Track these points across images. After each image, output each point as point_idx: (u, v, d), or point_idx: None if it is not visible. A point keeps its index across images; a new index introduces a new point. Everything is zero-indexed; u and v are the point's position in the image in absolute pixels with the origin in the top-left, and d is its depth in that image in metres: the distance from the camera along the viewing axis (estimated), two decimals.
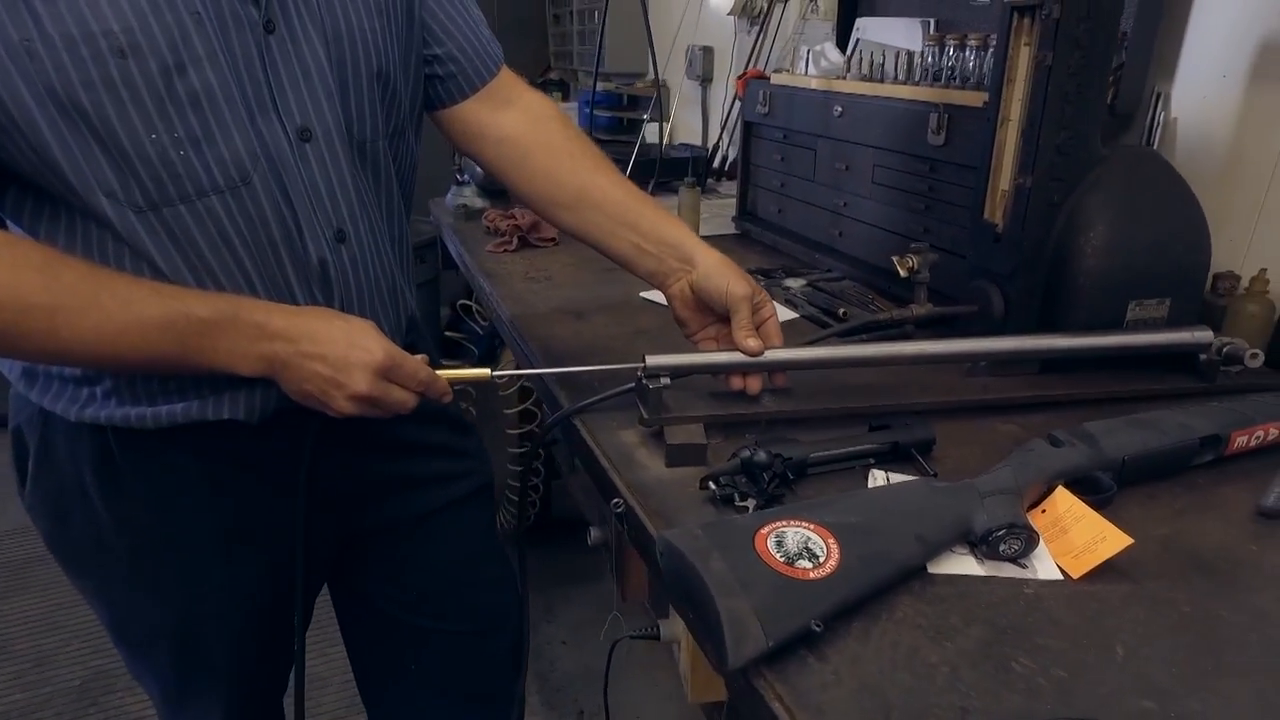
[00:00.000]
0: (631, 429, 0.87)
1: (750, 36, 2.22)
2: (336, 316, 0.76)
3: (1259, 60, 1.08)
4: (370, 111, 0.84)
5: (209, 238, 0.75)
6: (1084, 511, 0.68)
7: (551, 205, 0.98)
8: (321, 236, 0.80)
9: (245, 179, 0.75)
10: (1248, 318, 1.06)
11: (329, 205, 0.81)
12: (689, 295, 0.92)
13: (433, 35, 0.91)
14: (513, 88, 1.00)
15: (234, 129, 0.73)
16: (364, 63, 0.81)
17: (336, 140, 0.80)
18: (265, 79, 0.74)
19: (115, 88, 0.67)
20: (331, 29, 0.78)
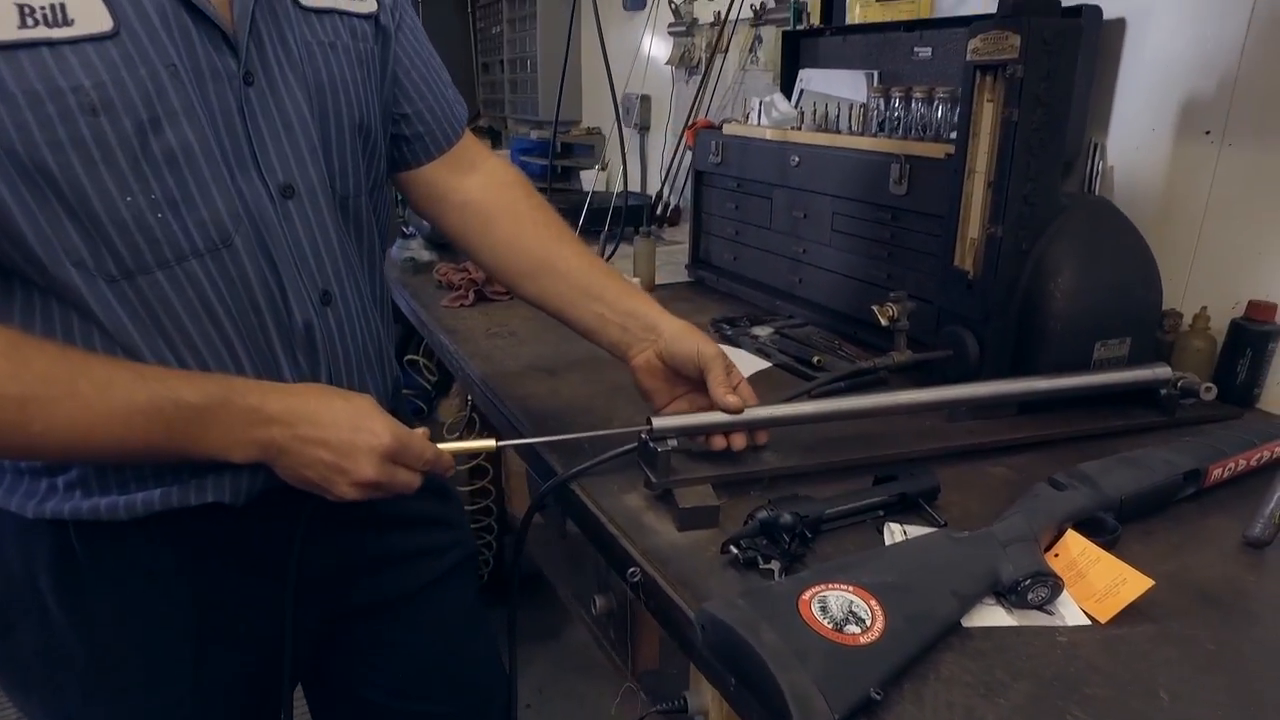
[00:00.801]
0: (635, 492, 0.86)
1: (689, 86, 2.28)
2: (336, 395, 0.72)
3: (1182, 116, 1.16)
4: (353, 166, 0.81)
5: (189, 305, 0.70)
6: (1099, 554, 0.70)
7: (514, 273, 0.95)
8: (307, 299, 0.76)
9: (226, 240, 0.71)
10: (1194, 352, 1.12)
11: (313, 265, 0.77)
12: (656, 364, 0.89)
13: (403, 93, 0.89)
14: (476, 152, 0.98)
15: (214, 188, 0.69)
16: (346, 115, 0.78)
17: (320, 196, 0.77)
18: (245, 134, 0.71)
19: (86, 147, 0.62)
20: (313, 80, 0.75)
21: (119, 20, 0.62)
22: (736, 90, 2.08)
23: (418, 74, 0.89)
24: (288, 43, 0.73)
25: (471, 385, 1.26)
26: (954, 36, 1.37)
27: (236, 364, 0.74)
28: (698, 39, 2.20)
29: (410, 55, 0.88)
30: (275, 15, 0.72)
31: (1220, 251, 1.14)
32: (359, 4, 0.80)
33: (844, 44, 1.60)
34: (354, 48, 0.79)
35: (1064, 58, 0.93)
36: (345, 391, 0.74)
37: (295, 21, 0.74)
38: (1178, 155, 1.17)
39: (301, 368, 0.78)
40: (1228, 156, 1.12)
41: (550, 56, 2.87)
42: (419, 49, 0.90)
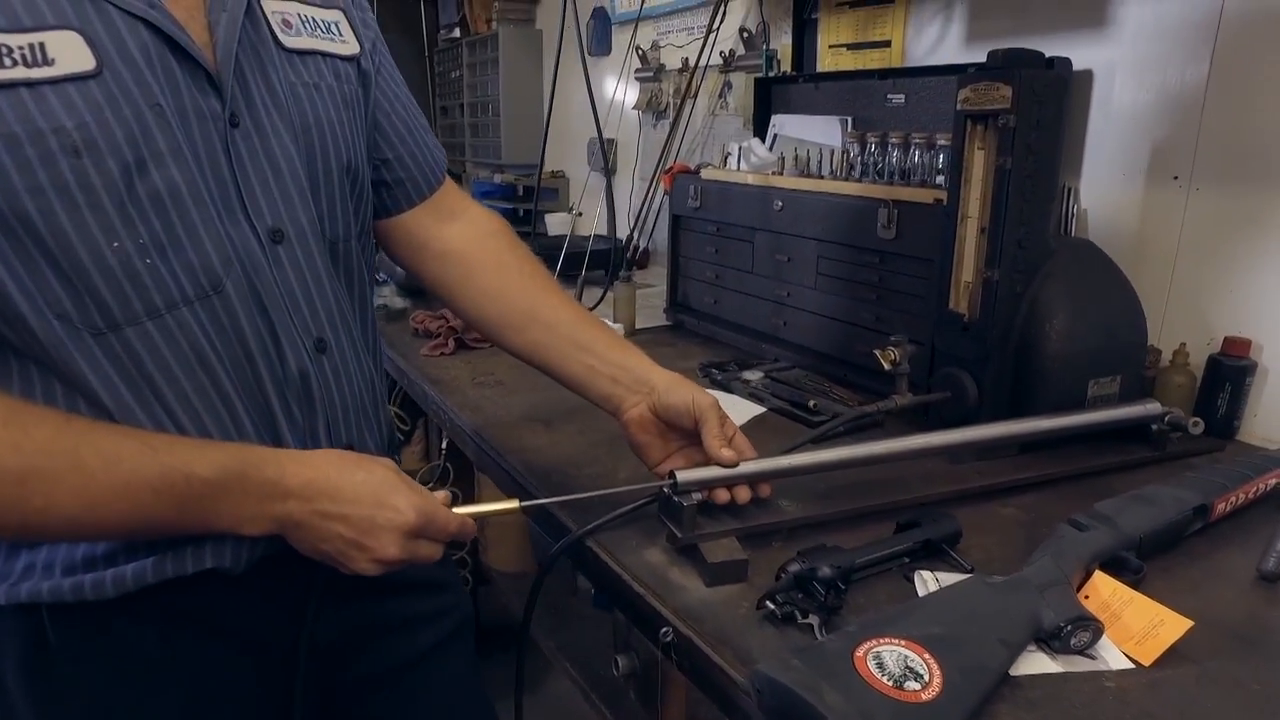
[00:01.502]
0: (654, 547, 0.84)
1: (656, 130, 2.30)
2: (357, 466, 0.69)
3: (1151, 162, 1.22)
4: (342, 209, 0.78)
5: (181, 356, 0.66)
6: (1131, 595, 0.70)
7: (499, 325, 0.92)
8: (301, 346, 0.73)
9: (217, 286, 0.67)
10: (1175, 388, 1.16)
11: (306, 312, 0.74)
12: (649, 418, 0.86)
13: (383, 137, 0.87)
14: (457, 199, 0.96)
15: (203, 231, 0.66)
16: (334, 157, 0.76)
17: (311, 240, 0.74)
18: (232, 177, 0.68)
19: (69, 191, 0.59)
20: (299, 121, 0.73)
21: (101, 60, 0.60)
22: (706, 134, 2.12)
23: (398, 118, 0.87)
24: (272, 84, 0.71)
25: (463, 437, 1.23)
26: (927, 85, 1.42)
27: (234, 418, 0.70)
28: (665, 84, 2.23)
29: (390, 99, 0.87)
30: (259, 56, 0.70)
31: (1193, 290, 1.19)
32: (341, 46, 0.79)
33: (816, 90, 1.64)
34: (338, 89, 0.77)
35: (1052, 108, 0.97)
36: (365, 460, 0.70)
37: (279, 63, 0.72)
38: (1148, 199, 1.22)
39: (298, 420, 0.74)
40: (1196, 200, 1.17)
41: (513, 100, 2.88)
42: (398, 93, 0.88)
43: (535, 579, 0.88)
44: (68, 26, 0.59)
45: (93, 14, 0.60)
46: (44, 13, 0.58)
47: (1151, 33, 1.19)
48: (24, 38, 0.57)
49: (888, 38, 1.54)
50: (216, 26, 0.66)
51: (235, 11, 0.67)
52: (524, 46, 2.91)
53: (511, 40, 2.88)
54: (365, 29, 0.82)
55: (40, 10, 0.58)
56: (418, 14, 3.56)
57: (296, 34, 0.73)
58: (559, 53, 2.03)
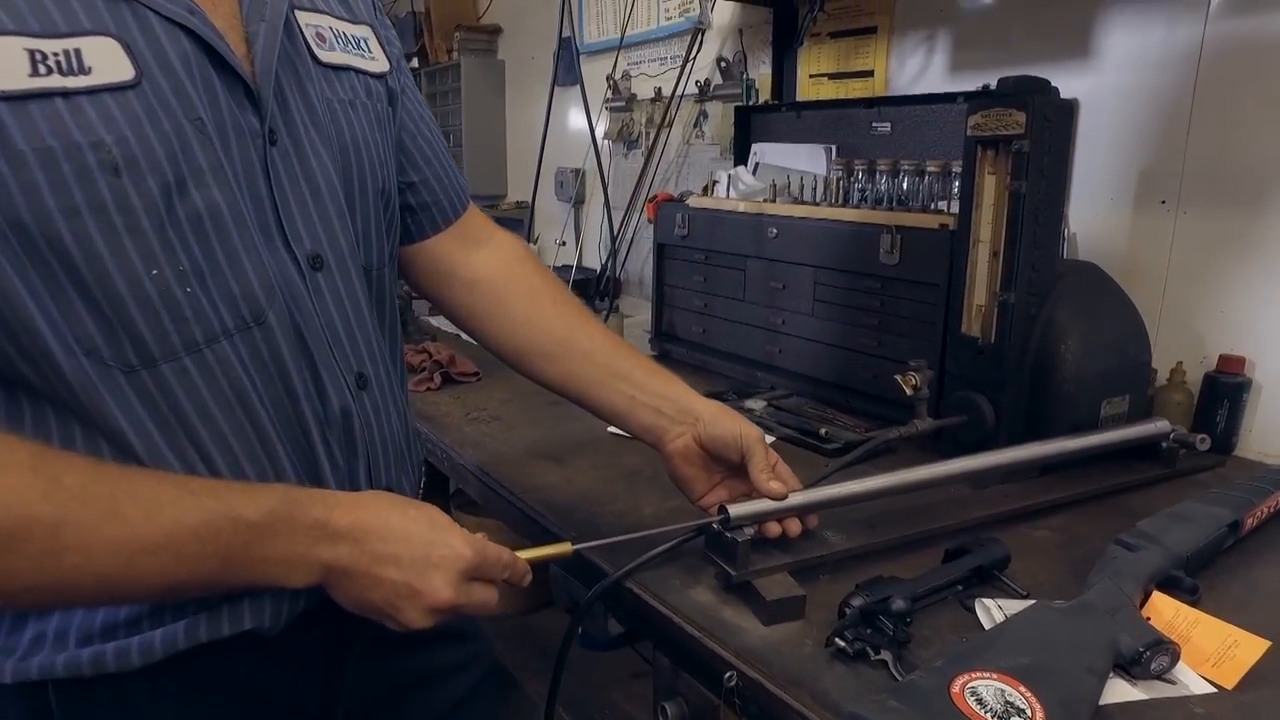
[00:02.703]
0: (700, 586, 0.80)
1: (627, 160, 2.30)
2: (408, 504, 0.64)
3: (1139, 187, 1.25)
4: (377, 234, 0.74)
5: (220, 395, 0.61)
6: (1196, 615, 0.70)
7: (532, 355, 0.88)
8: (343, 382, 0.69)
9: (259, 317, 0.63)
10: (1174, 405, 1.19)
11: (347, 345, 0.69)
12: (695, 450, 0.83)
13: (409, 160, 0.83)
14: (484, 225, 0.93)
15: (244, 257, 0.61)
16: (370, 179, 0.72)
17: (350, 268, 0.70)
18: (270, 198, 0.64)
19: (106, 212, 0.54)
20: (337, 140, 0.69)
21: (140, 69, 0.55)
22: (681, 164, 2.12)
23: (423, 140, 0.84)
24: (310, 100, 0.67)
25: (465, 476, 1.18)
26: (913, 113, 1.44)
27: (273, 461, 0.65)
28: (636, 114, 2.23)
29: (415, 120, 0.83)
30: (296, 71, 0.66)
31: (1184, 310, 1.22)
32: (371, 63, 0.75)
33: (798, 119, 1.66)
34: (371, 107, 0.74)
35: (1061, 133, 0.99)
36: (413, 500, 0.66)
37: (316, 78, 0.68)
38: (1137, 223, 1.26)
39: (339, 462, 0.69)
40: (1184, 223, 1.21)
41: (475, 131, 2.85)
42: (422, 114, 0.85)
43: (569, 627, 0.84)
44: (104, 33, 0.54)
45: (130, 20, 0.55)
46: (79, 17, 0.53)
47: (1135, 63, 1.24)
48: (59, 44, 0.52)
49: (870, 68, 1.57)
50: (255, 39, 0.62)
51: (275, 22, 0.63)
52: (486, 77, 2.89)
53: (473, 70, 2.86)
54: (390, 46, 0.78)
55: (75, 14, 0.53)
56: None
57: (330, 49, 0.69)
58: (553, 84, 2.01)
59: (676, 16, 2.03)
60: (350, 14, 0.74)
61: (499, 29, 2.96)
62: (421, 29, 3.20)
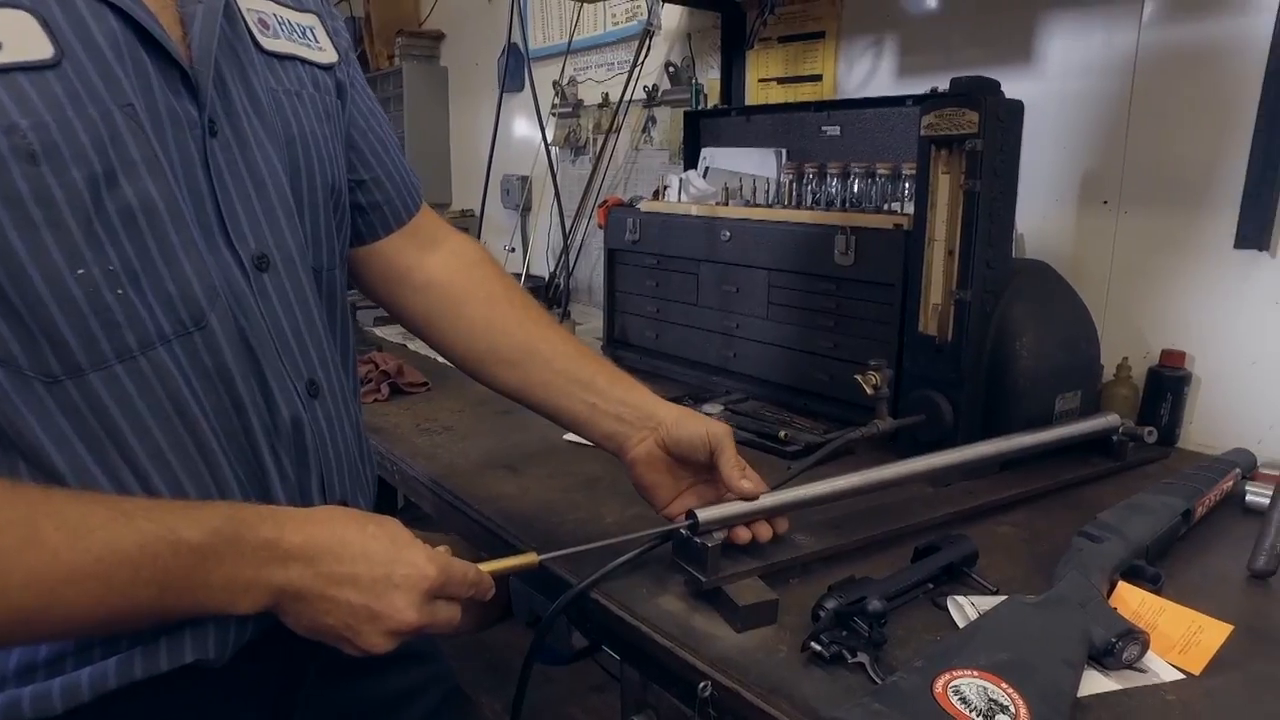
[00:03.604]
0: (669, 594, 0.78)
1: (574, 166, 2.28)
2: (367, 519, 0.60)
3: (1082, 188, 1.29)
4: (326, 233, 0.71)
5: (155, 405, 0.57)
6: (1161, 603, 0.71)
7: (490, 361, 0.85)
8: (293, 390, 0.65)
9: (200, 321, 0.58)
10: (1121, 399, 1.22)
11: (296, 350, 0.65)
12: (658, 455, 0.81)
13: (360, 156, 0.79)
14: (438, 227, 0.89)
15: (183, 256, 0.57)
16: (319, 175, 0.68)
17: (299, 268, 0.66)
18: (210, 193, 0.59)
19: (22, 205, 0.49)
20: (283, 133, 0.65)
21: (61, 47, 0.51)
22: (629, 169, 2.10)
23: (374, 136, 0.80)
24: (253, 89, 0.63)
25: (418, 489, 1.14)
26: (863, 116, 1.45)
27: (217, 477, 0.60)
28: (584, 120, 2.21)
29: (365, 115, 0.80)
30: (237, 57, 0.62)
31: (1128, 307, 1.25)
32: (318, 53, 0.71)
33: (748, 123, 1.66)
34: (319, 100, 0.70)
35: (1013, 132, 1.00)
36: (371, 515, 0.62)
37: (259, 66, 0.64)
38: (1081, 223, 1.29)
39: (290, 475, 0.65)
40: (1125, 223, 1.25)
41: (418, 138, 2.79)
42: (372, 108, 0.81)
43: (532, 643, 0.80)
44: (15, 5, 0.49)
45: None
46: None
47: (1076, 68, 1.27)
48: None
49: (819, 72, 1.58)
50: (191, 20, 0.58)
51: (213, 3, 0.59)
52: (429, 83, 2.84)
53: (415, 77, 2.80)
54: (338, 37, 0.74)
55: None
56: None
57: (275, 36, 0.65)
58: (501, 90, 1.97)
59: (624, 21, 2.02)
60: (296, 1, 0.70)
61: (442, 34, 2.92)
62: (362, 34, 3.13)
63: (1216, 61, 1.14)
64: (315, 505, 0.65)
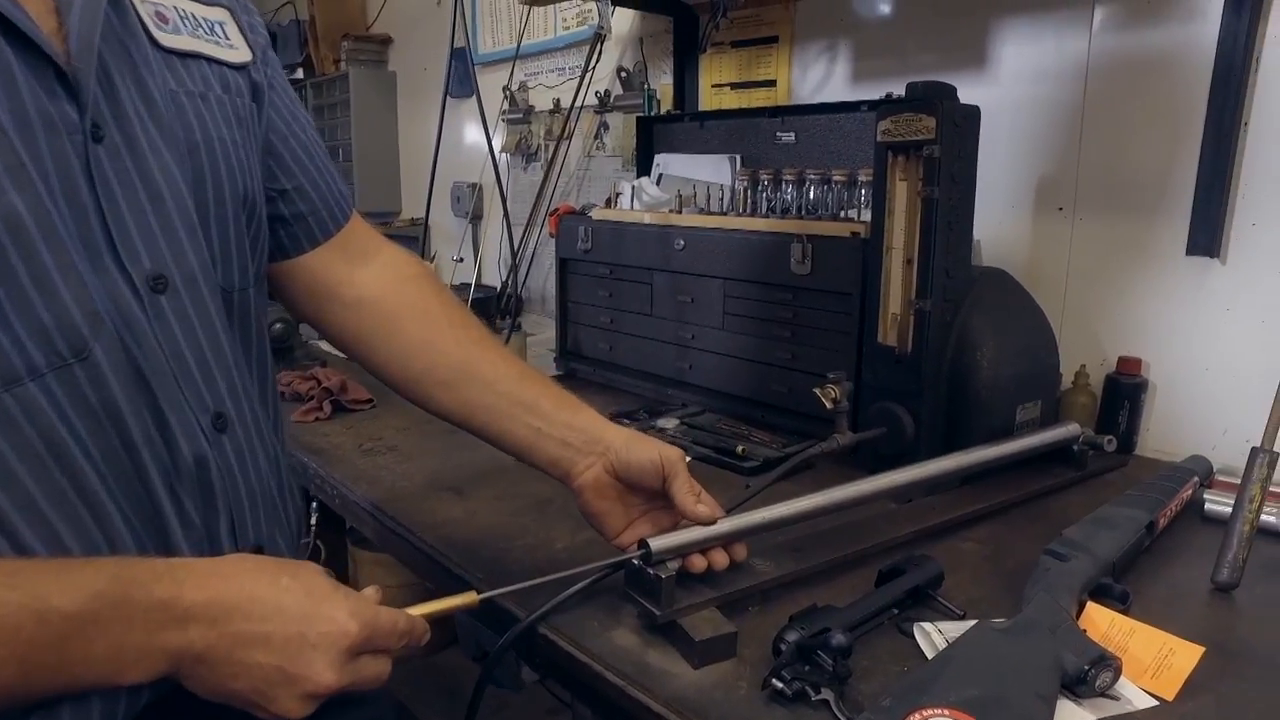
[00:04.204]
0: (622, 628, 0.73)
1: (526, 173, 2.22)
2: (279, 570, 0.54)
3: (1037, 194, 1.28)
4: (239, 249, 0.65)
5: (24, 448, 0.50)
6: (1130, 624, 0.68)
7: (427, 383, 0.79)
8: (196, 424, 0.59)
9: (80, 352, 0.52)
10: (1080, 408, 1.20)
11: (201, 380, 0.59)
12: (606, 481, 0.76)
13: (280, 163, 0.73)
14: (370, 238, 0.83)
15: (58, 278, 0.51)
16: (228, 185, 0.62)
17: (203, 289, 0.60)
18: (96, 207, 0.53)
19: None
20: (185, 139, 0.59)
21: None
22: (582, 176, 2.06)
23: (297, 142, 0.74)
24: (148, 90, 0.57)
25: (359, 514, 1.07)
26: (817, 122, 1.43)
27: (105, 526, 0.54)
28: (535, 126, 2.16)
29: (286, 119, 0.74)
30: (128, 54, 0.56)
31: (1084, 314, 1.25)
32: (229, 51, 0.65)
33: (702, 129, 1.63)
34: (229, 102, 0.64)
35: (970, 138, 0.98)
36: (287, 564, 0.56)
37: (155, 65, 0.58)
38: (1037, 229, 1.28)
39: (193, 520, 0.59)
40: (1080, 229, 1.24)
41: (366, 145, 2.71)
42: (295, 112, 0.75)
43: (479, 681, 0.75)
44: None
45: None
46: None
47: (1029, 74, 1.26)
48: None
49: (772, 77, 1.56)
50: (68, 11, 0.52)
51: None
52: (376, 88, 2.76)
53: (363, 82, 2.72)
54: (254, 34, 0.68)
55: None
56: None
57: (175, 31, 0.59)
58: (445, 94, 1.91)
59: (574, 25, 1.98)
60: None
61: (389, 39, 2.84)
62: (306, 38, 3.04)
63: (1166, 69, 1.14)
64: (226, 551, 0.59)
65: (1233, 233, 1.11)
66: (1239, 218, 1.10)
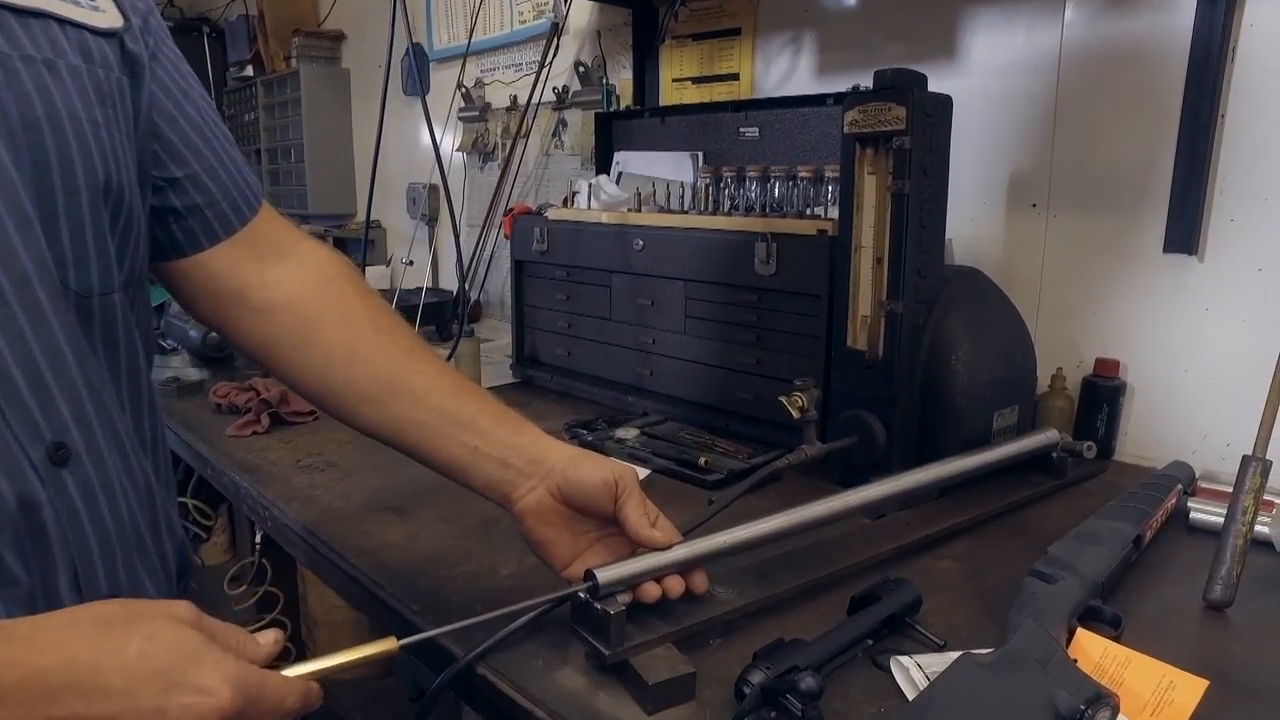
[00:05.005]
0: (569, 667, 0.66)
1: (483, 173, 2.14)
2: (128, 628, 0.44)
3: (1010, 191, 1.23)
4: (97, 248, 0.55)
5: None
6: (1125, 654, 0.63)
7: (349, 397, 0.70)
8: (23, 459, 0.50)
9: None
10: (1057, 412, 1.16)
11: (34, 405, 0.50)
12: (551, 506, 0.69)
13: (169, 148, 0.63)
14: (284, 234, 0.73)
15: None
16: (82, 171, 0.53)
17: (41, 295, 0.51)
18: None
19: None
20: (20, 115, 0.50)
21: None
22: (540, 176, 1.98)
23: (189, 124, 0.64)
24: None
25: (290, 538, 0.99)
26: (781, 117, 1.37)
27: None
28: (492, 124, 2.08)
29: (176, 97, 0.64)
30: None
31: (1060, 315, 1.20)
32: (92, 15, 0.56)
33: (662, 125, 1.56)
34: (88, 74, 0.54)
35: (942, 128, 0.92)
36: (140, 616, 0.45)
37: None
38: (1010, 226, 1.23)
39: (17, 576, 0.50)
40: (1054, 227, 1.19)
41: (318, 145, 2.61)
42: (188, 90, 0.65)
43: None
44: None
45: None
46: None
47: (1000, 66, 1.21)
48: None
49: (735, 70, 1.49)
50: None
51: None
52: (329, 86, 2.66)
53: (315, 79, 2.62)
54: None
55: None
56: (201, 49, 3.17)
57: None
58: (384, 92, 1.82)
59: (531, 19, 1.90)
60: None
61: (342, 35, 2.74)
62: (255, 34, 2.93)
63: (1140, 60, 1.09)
64: (66, 607, 0.49)
65: (1211, 229, 1.06)
66: (1217, 214, 1.06)
